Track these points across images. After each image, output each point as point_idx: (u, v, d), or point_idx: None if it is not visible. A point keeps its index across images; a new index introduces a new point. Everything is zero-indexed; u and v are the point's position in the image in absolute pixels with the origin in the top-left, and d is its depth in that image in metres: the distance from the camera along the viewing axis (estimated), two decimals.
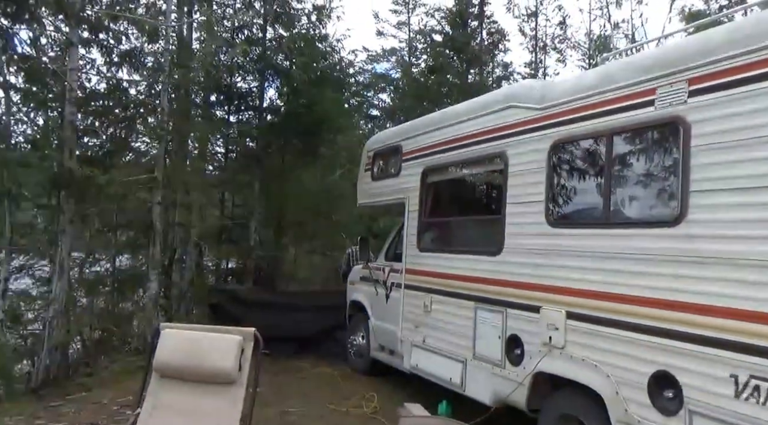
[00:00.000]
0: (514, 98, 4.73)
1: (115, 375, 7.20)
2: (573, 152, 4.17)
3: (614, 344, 3.55)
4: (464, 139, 5.33)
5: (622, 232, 3.63)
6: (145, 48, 9.12)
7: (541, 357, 4.12)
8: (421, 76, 17.43)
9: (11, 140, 7.82)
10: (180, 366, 3.20)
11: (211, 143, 11.44)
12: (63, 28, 7.92)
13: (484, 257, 4.94)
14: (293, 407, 5.95)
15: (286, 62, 11.11)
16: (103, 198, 8.46)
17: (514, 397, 4.39)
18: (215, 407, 3.11)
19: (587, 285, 3.80)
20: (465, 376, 5.02)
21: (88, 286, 9.48)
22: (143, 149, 10.06)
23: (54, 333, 7.30)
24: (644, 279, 3.42)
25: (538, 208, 4.30)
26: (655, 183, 3.58)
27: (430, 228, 6.17)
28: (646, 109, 3.51)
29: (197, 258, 9.94)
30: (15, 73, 7.76)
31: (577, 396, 3.88)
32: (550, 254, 4.15)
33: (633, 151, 3.72)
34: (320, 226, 12.48)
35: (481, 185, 6.64)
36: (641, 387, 3.33)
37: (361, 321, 7.51)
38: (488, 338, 4.74)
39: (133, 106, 9.02)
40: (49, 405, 5.97)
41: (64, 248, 7.54)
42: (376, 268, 7.12)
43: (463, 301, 5.10)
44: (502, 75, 18.77)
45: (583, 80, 4.21)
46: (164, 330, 3.32)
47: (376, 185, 7.14)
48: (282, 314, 8.43)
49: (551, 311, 4.07)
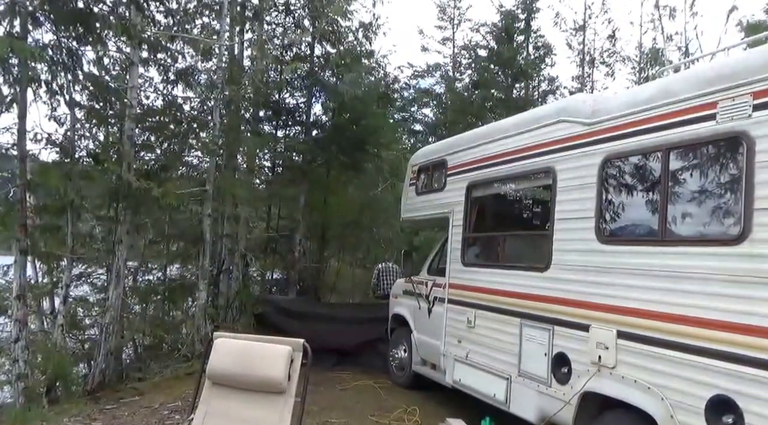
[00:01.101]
0: (564, 113, 4.70)
1: (166, 380, 7.43)
2: (626, 168, 4.10)
3: (669, 365, 3.45)
4: (511, 154, 5.31)
5: (679, 250, 3.53)
6: (199, 66, 9.48)
7: (589, 376, 4.04)
8: (465, 91, 17.44)
9: (75, 154, 8.23)
10: (232, 374, 3.28)
11: (259, 158, 11.73)
12: (125, 48, 8.31)
13: (530, 273, 4.90)
14: (335, 418, 5.99)
15: (333, 78, 11.34)
16: (158, 210, 8.79)
17: (560, 416, 4.30)
18: (265, 416, 3.16)
19: (640, 304, 3.71)
20: (509, 393, 4.96)
21: (141, 294, 9.84)
22: (195, 163, 10.43)
23: (109, 338, 7.57)
24: (702, 299, 3.31)
25: (588, 224, 4.23)
26: (715, 200, 3.47)
27: (474, 243, 6.16)
28: (707, 123, 3.41)
29: (243, 269, 10.16)
30: (80, 91, 8.19)
31: (628, 418, 3.77)
32: (601, 271, 4.07)
33: (691, 166, 3.63)
34: (362, 239, 12.60)
35: (528, 200, 6.59)
36: (698, 411, 3.22)
37: (404, 334, 7.51)
38: (534, 355, 4.68)
39: (186, 121, 9.35)
40: (104, 408, 6.20)
41: (121, 257, 7.83)
42: (419, 282, 7.13)
43: (509, 317, 5.05)
44: (548, 89, 18.60)
45: (639, 94, 4.12)
46: (217, 339, 3.41)
47: (420, 200, 7.17)
48: (324, 326, 8.53)
49: (601, 330, 3.99)
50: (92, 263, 9.40)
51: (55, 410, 6.06)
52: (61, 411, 5.96)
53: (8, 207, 7.06)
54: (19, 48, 5.94)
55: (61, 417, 5.65)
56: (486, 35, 18.19)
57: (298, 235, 11.15)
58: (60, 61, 7.20)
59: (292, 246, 11.21)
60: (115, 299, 7.70)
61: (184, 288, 10.10)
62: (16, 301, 6.72)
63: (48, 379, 7.04)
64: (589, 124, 4.37)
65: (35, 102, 7.41)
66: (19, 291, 6.71)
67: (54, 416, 5.67)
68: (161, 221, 9.87)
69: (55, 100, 7.82)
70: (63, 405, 6.43)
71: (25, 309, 6.84)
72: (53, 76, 7.25)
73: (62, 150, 8.20)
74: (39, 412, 5.72)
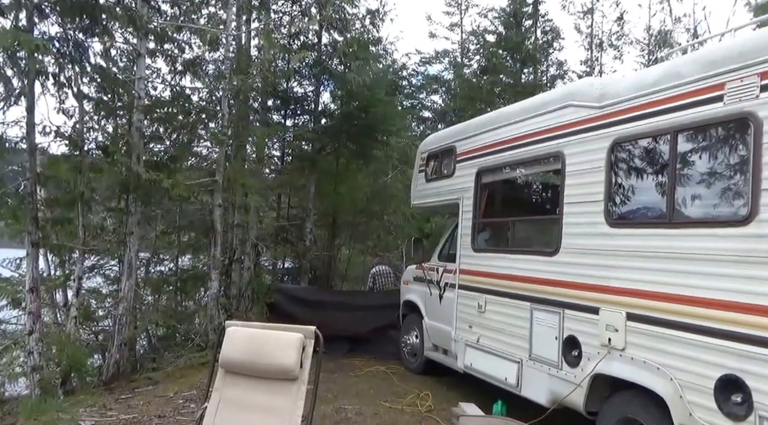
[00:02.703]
0: (571, 97, 4.67)
1: (180, 370, 7.51)
2: (634, 151, 4.08)
3: (678, 346, 3.46)
4: (520, 139, 5.29)
5: (687, 232, 3.53)
6: (207, 56, 9.49)
7: (599, 358, 4.05)
8: (474, 77, 17.34)
9: (84, 147, 8.28)
10: (244, 362, 3.30)
11: (268, 147, 11.74)
12: (131, 39, 8.32)
13: (540, 258, 4.90)
14: (348, 404, 6.05)
15: (341, 66, 11.29)
16: (168, 201, 8.84)
17: (571, 399, 4.33)
18: (278, 402, 3.19)
19: (649, 286, 3.72)
20: (521, 376, 4.99)
21: (153, 285, 9.93)
22: (205, 154, 10.47)
23: (123, 329, 7.66)
24: (710, 280, 3.31)
25: (597, 208, 4.23)
26: (723, 182, 3.45)
27: (484, 229, 6.16)
28: (714, 105, 3.39)
29: (255, 258, 10.22)
30: (87, 83, 8.22)
31: (638, 399, 3.80)
32: (610, 254, 4.08)
33: (699, 148, 3.60)
34: (373, 227, 12.62)
35: (537, 185, 6.57)
36: (707, 391, 3.24)
37: (415, 320, 7.55)
38: (545, 339, 4.69)
39: (195, 112, 9.36)
40: (119, 398, 6.28)
41: (132, 248, 7.90)
42: (430, 268, 7.16)
43: (519, 301, 5.07)
44: (556, 74, 18.47)
45: (646, 77, 4.09)
46: (229, 328, 3.44)
47: (430, 186, 7.17)
48: (336, 313, 8.59)
49: (611, 313, 4.00)
50: (104, 255, 9.49)
51: (70, 401, 6.13)
52: (77, 401, 6.03)
53: (19, 200, 7.11)
54: (25, 40, 5.96)
55: (77, 407, 5.71)
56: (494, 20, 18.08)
57: (309, 224, 11.19)
58: (67, 54, 7.22)
59: (302, 235, 11.25)
60: (128, 290, 7.78)
61: (196, 279, 10.18)
62: (29, 294, 6.77)
63: (63, 371, 7.13)
64: (597, 108, 4.34)
65: (43, 95, 7.44)
66: (31, 284, 6.76)
67: (69, 406, 5.73)
68: (172, 212, 9.94)
69: (63, 92, 7.87)
70: (78, 395, 6.51)
71: (38, 302, 6.90)
72: (60, 68, 7.28)
73: (71, 143, 8.23)
74: (54, 403, 5.79)
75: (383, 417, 5.70)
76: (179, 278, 10.28)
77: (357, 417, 5.68)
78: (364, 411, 5.84)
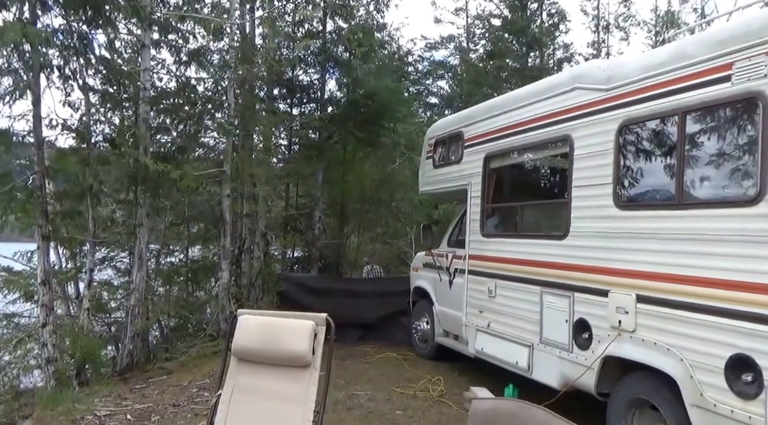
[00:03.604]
0: (579, 80, 4.64)
1: (192, 359, 7.59)
2: (642, 133, 4.06)
3: (688, 327, 3.47)
4: (527, 123, 5.27)
5: (696, 213, 3.52)
6: (211, 46, 9.45)
7: (610, 341, 4.06)
8: (480, 62, 17.21)
9: (91, 140, 8.31)
10: (256, 350, 3.33)
11: (275, 136, 11.72)
12: (135, 30, 8.31)
13: (549, 242, 4.91)
14: (361, 390, 6.11)
15: (346, 54, 11.23)
16: (176, 192, 8.87)
17: (582, 381, 4.35)
18: (291, 389, 3.22)
19: (658, 268, 3.72)
20: (532, 360, 5.01)
21: (164, 276, 10.00)
22: (212, 144, 10.48)
23: (135, 320, 7.74)
24: (720, 261, 3.31)
25: (606, 190, 4.22)
26: (731, 162, 3.44)
27: (493, 214, 6.16)
28: (722, 85, 3.36)
29: (265, 248, 10.26)
30: (93, 75, 8.23)
31: (649, 380, 3.82)
32: (619, 236, 4.07)
33: (707, 129, 3.58)
34: (381, 214, 12.62)
35: (545, 169, 6.53)
36: (717, 370, 3.25)
37: (425, 307, 7.58)
38: (555, 322, 4.71)
39: (201, 103, 9.36)
40: (134, 387, 6.36)
41: (142, 240, 7.95)
42: (439, 255, 7.17)
43: (529, 286, 5.08)
44: (563, 57, 18.28)
45: (653, 58, 4.05)
46: (241, 316, 3.46)
47: (438, 173, 7.16)
48: (346, 301, 8.64)
49: (620, 295, 4.00)
50: (115, 247, 9.55)
51: (85, 391, 6.20)
52: (92, 392, 6.10)
53: (28, 194, 7.13)
54: (30, 33, 5.96)
55: (92, 397, 5.78)
56: (499, 4, 17.89)
57: (317, 212, 11.20)
58: (71, 46, 7.22)
59: (311, 224, 11.28)
60: (139, 281, 7.85)
61: (207, 269, 10.23)
62: (41, 286, 6.78)
63: (77, 362, 7.20)
64: (604, 90, 4.31)
65: (49, 88, 7.46)
66: (43, 277, 6.77)
67: (85, 397, 5.80)
68: (180, 203, 9.96)
69: (69, 85, 7.86)
70: (93, 386, 6.57)
71: (50, 294, 6.93)
72: (65, 61, 7.29)
73: (78, 135, 8.27)
74: (70, 394, 5.86)
75: (396, 402, 5.75)
76: (190, 269, 10.34)
77: (369, 402, 5.73)
78: (377, 397, 5.89)
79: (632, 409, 4.00)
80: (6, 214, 7.41)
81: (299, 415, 3.07)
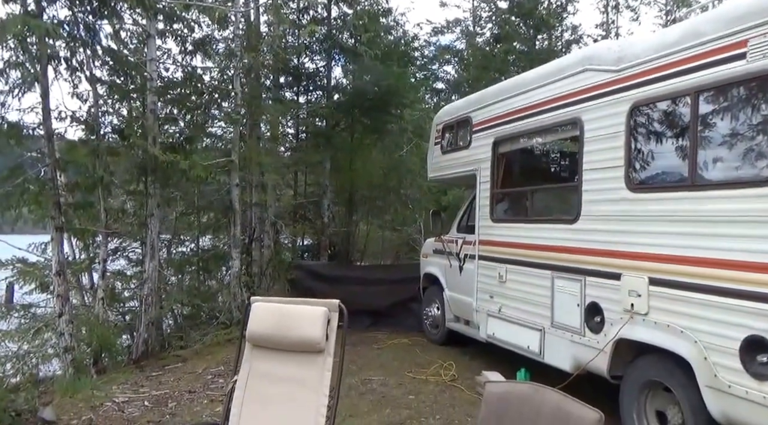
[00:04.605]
0: (589, 61, 4.59)
1: (206, 347, 7.68)
2: (654, 114, 4.01)
3: (702, 309, 3.45)
4: (537, 106, 5.22)
5: (710, 194, 3.49)
6: (216, 35, 9.43)
7: (622, 324, 4.06)
8: (487, 46, 17.04)
9: (100, 131, 8.34)
10: (270, 336, 3.35)
11: (282, 125, 11.72)
12: (141, 20, 8.30)
13: (560, 226, 4.89)
14: (373, 375, 6.15)
15: (352, 40, 11.17)
16: (186, 182, 8.91)
17: (595, 364, 4.35)
18: (305, 374, 3.24)
19: (671, 250, 3.69)
20: (543, 344, 5.02)
21: (176, 265, 10.09)
22: (219, 134, 10.49)
23: (149, 309, 7.82)
24: (734, 242, 3.28)
25: (617, 173, 4.18)
26: (745, 142, 3.38)
27: (502, 199, 6.14)
28: (737, 63, 3.30)
29: (274, 236, 10.31)
30: (99, 67, 8.24)
31: (662, 363, 3.81)
32: (631, 219, 4.05)
33: (721, 109, 3.53)
34: (390, 201, 12.61)
35: (555, 153, 6.51)
36: (732, 352, 3.23)
37: (436, 292, 7.60)
38: (566, 306, 4.70)
39: (207, 92, 9.35)
40: (150, 375, 6.45)
41: (153, 230, 8.00)
42: (449, 240, 7.17)
43: (540, 270, 5.07)
44: (571, 39, 18.01)
45: (666, 37, 3.98)
46: (254, 303, 3.48)
47: (446, 158, 7.13)
48: (357, 288, 8.67)
49: (633, 278, 3.99)
50: (127, 238, 9.63)
51: (103, 379, 6.30)
52: (109, 379, 6.20)
53: (40, 186, 7.21)
54: (34, 25, 5.97)
55: (110, 385, 5.87)
56: None
57: (326, 200, 11.21)
58: (78, 37, 7.23)
59: (320, 212, 11.30)
60: (152, 271, 7.91)
61: (218, 258, 10.31)
62: (56, 277, 6.90)
63: (93, 351, 7.33)
64: (615, 71, 4.26)
65: (56, 80, 7.49)
66: (58, 268, 6.88)
67: (102, 384, 5.90)
68: (190, 193, 10.01)
69: (76, 76, 7.88)
70: (110, 374, 6.69)
71: (65, 285, 7.04)
72: (72, 52, 7.30)
73: (87, 127, 8.32)
74: (89, 381, 5.97)
75: (408, 387, 5.79)
76: (201, 258, 10.42)
77: (382, 387, 5.77)
78: (389, 382, 5.94)
79: (645, 391, 4.01)
80: (20, 206, 7.51)
81: (314, 400, 3.10)
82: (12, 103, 7.33)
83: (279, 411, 3.14)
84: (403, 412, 5.03)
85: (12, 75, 6.98)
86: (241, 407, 3.21)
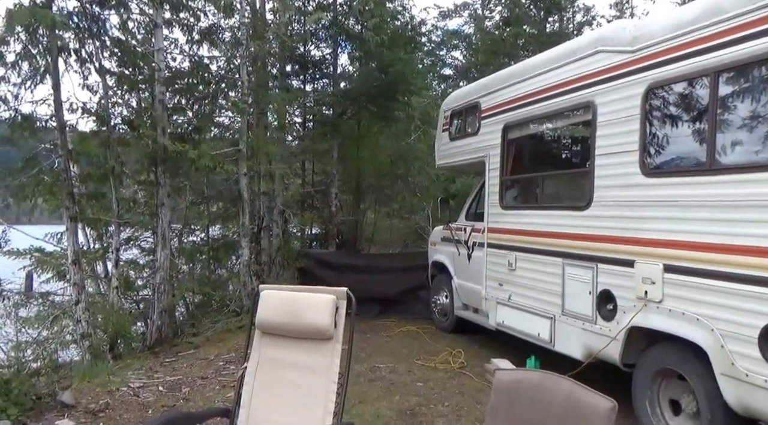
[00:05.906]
0: (602, 42, 4.48)
1: (218, 334, 7.75)
2: (670, 96, 3.90)
3: (719, 296, 3.38)
4: (547, 90, 5.13)
5: (728, 178, 3.39)
6: (222, 23, 9.38)
7: (636, 311, 4.00)
8: (496, 30, 16.81)
9: (111, 122, 8.37)
10: (280, 323, 3.36)
11: (289, 113, 11.67)
12: (147, 10, 8.27)
13: (571, 212, 4.82)
14: (382, 363, 6.15)
15: (358, 26, 11.06)
16: (195, 172, 8.93)
17: (607, 352, 4.30)
18: (315, 361, 3.24)
19: (687, 236, 3.61)
20: (554, 332, 4.97)
21: (187, 254, 10.16)
22: (227, 123, 10.48)
23: (162, 297, 7.90)
24: (753, 227, 3.20)
25: (632, 158, 4.09)
26: (766, 124, 3.27)
27: (512, 185, 6.07)
28: (760, 40, 3.17)
29: (283, 225, 10.32)
30: (108, 58, 8.24)
31: (676, 351, 3.76)
32: (646, 205, 3.97)
33: (742, 90, 3.41)
34: (398, 189, 12.57)
35: (567, 138, 6.41)
36: (751, 340, 3.16)
37: (444, 280, 7.57)
38: (578, 294, 4.65)
39: (215, 82, 9.33)
40: (164, 361, 6.52)
41: (164, 220, 8.05)
42: (457, 228, 7.12)
43: (550, 258, 5.01)
44: (583, 20, 17.67)
45: (683, 15, 3.83)
46: (264, 291, 3.48)
47: (455, 145, 7.06)
48: (365, 276, 8.67)
49: (647, 265, 3.92)
50: (138, 227, 9.73)
51: (119, 365, 6.41)
52: (125, 365, 6.30)
53: (54, 177, 7.29)
54: (42, 16, 5.97)
55: (126, 370, 5.97)
56: None
57: (334, 189, 11.19)
58: (86, 28, 7.23)
59: (328, 200, 11.28)
60: (164, 260, 7.98)
61: (228, 247, 10.39)
62: (72, 266, 7.07)
63: (109, 337, 7.48)
64: (629, 52, 4.16)
65: (67, 72, 7.53)
66: (73, 257, 7.04)
67: (119, 370, 6.00)
68: (200, 182, 10.05)
69: (86, 68, 7.93)
70: (126, 360, 6.80)
71: (81, 274, 7.19)
72: (81, 43, 7.30)
73: (98, 118, 8.37)
74: (105, 367, 6.08)
75: (417, 374, 5.78)
76: (211, 247, 10.48)
77: (391, 374, 5.77)
78: (398, 369, 5.93)
79: (659, 380, 3.96)
80: (35, 196, 7.62)
81: (323, 386, 3.10)
82: (24, 96, 7.40)
83: (289, 396, 3.15)
84: (412, 399, 5.03)
85: (24, 67, 7.04)
86: (251, 393, 3.23)
